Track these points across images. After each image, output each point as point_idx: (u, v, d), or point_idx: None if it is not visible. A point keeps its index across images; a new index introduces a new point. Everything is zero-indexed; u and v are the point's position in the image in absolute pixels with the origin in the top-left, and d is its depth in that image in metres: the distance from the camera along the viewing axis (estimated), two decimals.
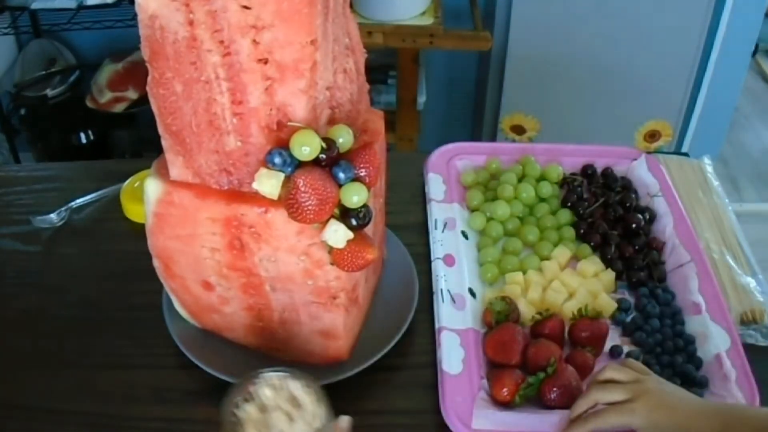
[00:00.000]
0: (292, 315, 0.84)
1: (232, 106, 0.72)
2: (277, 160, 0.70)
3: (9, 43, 2.27)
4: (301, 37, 0.68)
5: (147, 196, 0.81)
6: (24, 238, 1.09)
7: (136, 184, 1.13)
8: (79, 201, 1.14)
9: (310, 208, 0.70)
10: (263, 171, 0.71)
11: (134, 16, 2.25)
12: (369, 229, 0.77)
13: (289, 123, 0.71)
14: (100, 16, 2.02)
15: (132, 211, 1.11)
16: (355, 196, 0.71)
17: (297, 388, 0.72)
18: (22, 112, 2.22)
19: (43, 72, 2.21)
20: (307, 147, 0.69)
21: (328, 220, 0.72)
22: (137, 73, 2.20)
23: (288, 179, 0.71)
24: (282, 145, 0.71)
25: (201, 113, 0.73)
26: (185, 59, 0.70)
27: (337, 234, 0.72)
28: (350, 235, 0.73)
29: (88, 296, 1.01)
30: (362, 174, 0.73)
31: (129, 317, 0.97)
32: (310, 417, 0.70)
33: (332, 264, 0.76)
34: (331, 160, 0.71)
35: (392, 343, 0.89)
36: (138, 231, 1.11)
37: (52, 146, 2.27)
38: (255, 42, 0.68)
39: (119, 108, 2.17)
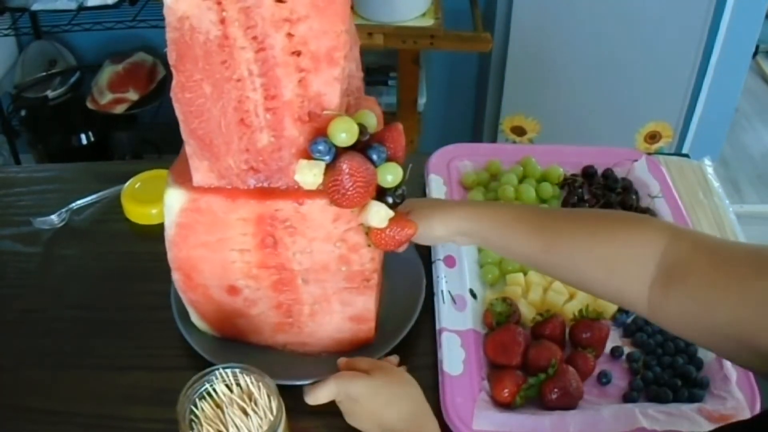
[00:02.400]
0: (323, 305, 0.85)
1: (265, 101, 0.73)
2: (322, 147, 0.72)
3: (9, 45, 2.28)
4: (337, 26, 0.69)
5: (169, 208, 0.80)
6: (24, 240, 1.09)
7: (136, 186, 1.13)
8: (80, 202, 1.14)
9: (355, 191, 0.72)
10: (303, 162, 0.73)
11: (134, 18, 2.24)
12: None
13: (325, 112, 0.72)
14: (101, 17, 2.02)
15: (132, 213, 1.11)
16: (389, 175, 0.74)
17: (250, 383, 0.71)
18: (23, 113, 2.22)
19: (44, 73, 2.21)
20: (345, 133, 0.71)
21: (367, 203, 0.75)
22: (137, 75, 2.20)
23: (329, 167, 0.72)
24: (315, 135, 0.73)
25: (231, 113, 0.74)
26: (216, 59, 0.71)
27: (380, 214, 0.75)
28: (391, 213, 0.75)
29: (89, 297, 1.00)
30: (392, 154, 0.75)
31: (129, 318, 0.97)
32: (263, 411, 0.70)
33: (370, 246, 0.78)
34: (364, 144, 0.74)
35: (394, 344, 0.89)
36: (138, 232, 1.11)
37: (53, 147, 2.27)
38: (289, 35, 0.69)
39: (120, 109, 2.17)
